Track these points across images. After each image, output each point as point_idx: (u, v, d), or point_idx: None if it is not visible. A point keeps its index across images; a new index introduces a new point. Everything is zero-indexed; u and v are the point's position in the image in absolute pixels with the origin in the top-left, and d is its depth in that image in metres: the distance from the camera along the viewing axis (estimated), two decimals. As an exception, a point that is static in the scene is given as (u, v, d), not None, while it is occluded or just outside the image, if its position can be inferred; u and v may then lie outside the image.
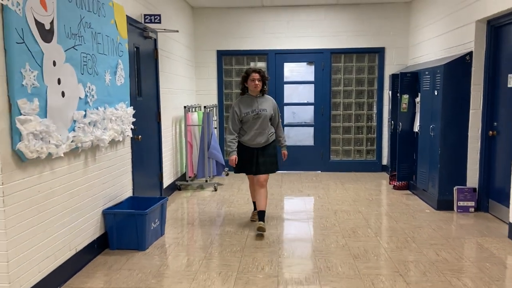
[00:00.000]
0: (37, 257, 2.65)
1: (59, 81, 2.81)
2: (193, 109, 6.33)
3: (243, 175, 4.43)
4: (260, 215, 4.07)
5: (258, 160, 4.04)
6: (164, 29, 4.96)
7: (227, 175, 6.96)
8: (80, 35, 3.10)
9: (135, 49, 4.44)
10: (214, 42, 7.16)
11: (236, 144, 4.04)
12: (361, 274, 3.10)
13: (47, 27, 2.69)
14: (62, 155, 2.80)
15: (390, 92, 6.58)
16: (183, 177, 6.25)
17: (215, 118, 6.83)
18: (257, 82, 3.97)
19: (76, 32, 3.04)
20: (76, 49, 3.05)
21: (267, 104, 4.08)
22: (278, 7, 7.01)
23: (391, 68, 6.93)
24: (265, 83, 4.05)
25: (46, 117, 2.64)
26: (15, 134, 2.40)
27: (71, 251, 3.06)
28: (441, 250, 3.55)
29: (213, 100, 7.23)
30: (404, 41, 6.90)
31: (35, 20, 2.56)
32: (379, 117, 7.11)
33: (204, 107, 5.93)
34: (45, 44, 2.66)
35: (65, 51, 2.89)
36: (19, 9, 2.41)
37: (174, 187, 5.88)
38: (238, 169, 4.16)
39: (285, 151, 4.32)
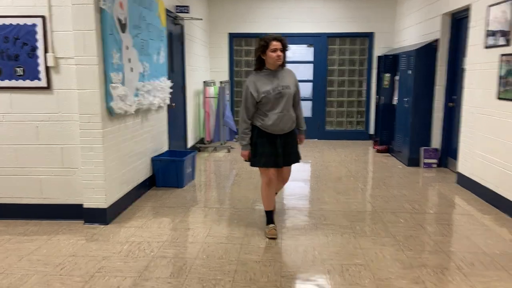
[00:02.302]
0: (118, 182, 3.86)
1: (129, 60, 3.97)
2: (210, 83, 7.47)
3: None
4: (271, 216, 3.48)
5: (284, 150, 3.32)
6: (191, 18, 6.07)
7: (237, 141, 8.14)
8: (139, 26, 4.23)
9: (169, 34, 5.56)
10: (226, 25, 8.24)
11: (250, 135, 3.32)
12: (341, 201, 4.33)
13: (123, 21, 3.83)
14: (133, 112, 3.99)
15: (376, 71, 7.71)
16: (201, 141, 7.46)
17: (227, 92, 7.97)
18: (279, 53, 3.17)
19: (137, 24, 4.17)
20: (138, 37, 4.19)
21: (290, 78, 3.32)
22: (282, -4, 8.07)
23: (379, 50, 8.02)
24: (285, 54, 3.27)
25: (124, 85, 3.81)
26: (108, 96, 3.58)
27: (134, 183, 4.28)
28: (403, 190, 4.79)
29: (225, 76, 8.35)
30: (390, 27, 7.98)
31: (117, 17, 3.70)
32: (368, 93, 8.26)
33: (220, 82, 7.08)
34: (122, 34, 3.81)
35: (132, 38, 4.03)
36: (110, 10, 3.55)
37: (194, 149, 7.07)
38: (256, 161, 3.34)
39: (302, 136, 3.56)
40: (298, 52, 8.49)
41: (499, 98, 4.10)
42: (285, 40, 3.23)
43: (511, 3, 3.90)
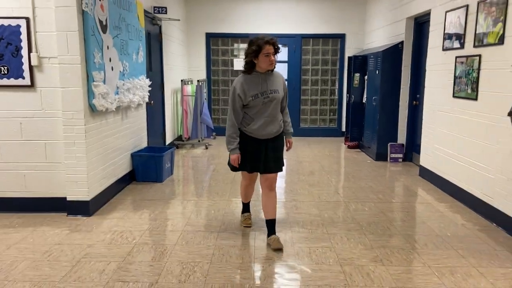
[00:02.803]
0: (99, 176, 4.04)
1: (110, 60, 4.15)
2: (188, 82, 7.67)
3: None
4: (272, 225, 3.27)
5: (267, 154, 3.19)
6: (169, 18, 6.26)
7: (214, 138, 8.37)
8: (119, 26, 4.41)
9: (148, 34, 5.74)
10: (203, 25, 8.45)
11: (238, 139, 3.17)
12: (313, 193, 4.63)
13: (104, 23, 4.00)
14: (114, 109, 4.17)
15: (347, 71, 8.08)
16: (179, 138, 7.65)
17: (205, 90, 8.18)
18: (272, 57, 3.07)
19: (117, 25, 4.35)
20: (118, 37, 4.36)
21: (278, 82, 3.20)
22: (258, -3, 8.34)
23: (350, 51, 8.39)
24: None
25: (105, 84, 3.99)
26: (90, 94, 3.75)
27: (115, 177, 4.46)
28: (369, 182, 5.13)
29: (202, 75, 8.56)
30: (361, 28, 8.36)
31: (98, 19, 3.88)
32: (340, 92, 8.63)
33: (198, 80, 7.29)
34: (103, 35, 3.98)
35: (112, 38, 4.21)
36: (92, 12, 3.72)
37: (173, 146, 7.26)
38: (240, 166, 3.25)
39: (290, 139, 3.41)
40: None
41: (454, 97, 4.47)
42: (277, 43, 3.10)
43: (465, 9, 4.28)
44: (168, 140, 6.97)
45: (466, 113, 4.22)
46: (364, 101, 7.06)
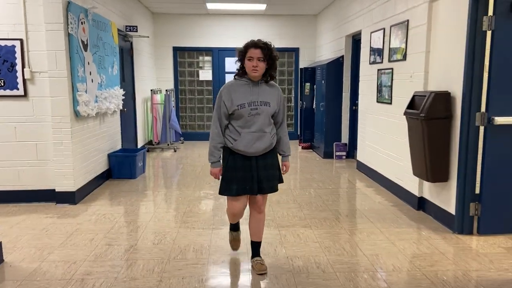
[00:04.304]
0: (83, 171, 4.77)
1: (90, 73, 4.90)
2: (157, 91, 8.44)
3: (198, 145, 6.36)
4: (257, 248, 3.08)
5: (258, 173, 2.82)
6: (139, 35, 7.04)
7: (182, 143, 9.15)
8: (97, 45, 5.18)
9: (121, 49, 6.50)
10: (170, 40, 9.26)
11: (221, 151, 2.85)
12: (265, 184, 5.51)
13: (85, 42, 4.77)
14: (94, 115, 4.92)
15: (299, 81, 9.08)
16: (150, 142, 8.38)
17: (173, 99, 8.97)
18: (255, 63, 2.70)
19: (96, 43, 5.12)
20: (96, 54, 5.13)
21: (272, 95, 2.83)
22: (220, 15, 9.23)
23: (304, 63, 9.41)
24: (272, 65, 2.78)
25: (87, 93, 4.74)
26: (75, 102, 4.50)
27: (95, 173, 5.18)
28: (314, 174, 6.07)
29: (170, 85, 9.34)
30: (312, 43, 9.41)
31: (81, 39, 4.64)
32: (296, 100, 9.62)
33: (166, 90, 8.08)
34: (85, 52, 4.75)
35: (92, 55, 4.98)
36: (76, 34, 4.49)
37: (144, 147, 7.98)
38: (225, 188, 2.85)
39: (287, 162, 3.01)
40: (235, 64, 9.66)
41: (378, 102, 5.49)
42: (269, 47, 2.72)
43: (382, 31, 5.32)
44: (140, 144, 7.70)
45: (385, 115, 5.24)
46: (314, 107, 8.05)
